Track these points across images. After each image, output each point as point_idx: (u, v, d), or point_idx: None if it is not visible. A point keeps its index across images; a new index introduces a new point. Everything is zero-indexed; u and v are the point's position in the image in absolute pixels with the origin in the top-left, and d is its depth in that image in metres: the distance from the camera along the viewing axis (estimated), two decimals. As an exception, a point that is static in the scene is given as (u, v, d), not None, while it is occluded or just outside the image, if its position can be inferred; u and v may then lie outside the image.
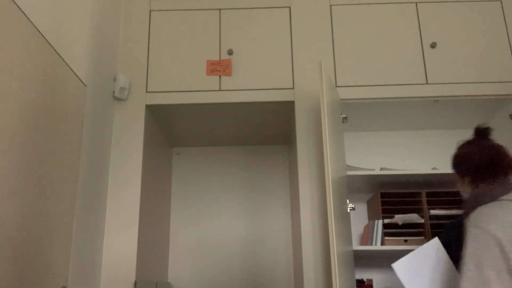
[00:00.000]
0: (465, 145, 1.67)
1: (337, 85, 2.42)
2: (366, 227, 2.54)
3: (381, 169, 2.45)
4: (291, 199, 2.87)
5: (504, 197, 1.45)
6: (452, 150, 2.90)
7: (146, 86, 2.43)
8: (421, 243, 2.24)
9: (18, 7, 1.49)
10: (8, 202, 1.39)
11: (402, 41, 2.49)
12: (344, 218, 2.09)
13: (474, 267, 1.25)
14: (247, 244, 2.92)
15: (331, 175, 1.90)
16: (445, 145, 2.89)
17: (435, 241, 1.70)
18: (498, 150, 1.58)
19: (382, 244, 2.33)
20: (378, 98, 2.41)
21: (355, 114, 2.63)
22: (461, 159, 1.65)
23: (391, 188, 2.56)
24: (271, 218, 2.97)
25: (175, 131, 2.82)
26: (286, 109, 2.52)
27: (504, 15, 2.54)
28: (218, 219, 2.97)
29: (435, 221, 2.33)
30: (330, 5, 2.57)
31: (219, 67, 2.44)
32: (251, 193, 3.02)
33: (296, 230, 2.53)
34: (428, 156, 2.88)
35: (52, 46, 1.71)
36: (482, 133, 1.68)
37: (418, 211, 2.36)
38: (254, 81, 2.44)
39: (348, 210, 2.20)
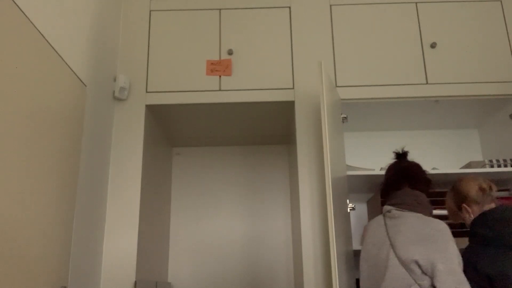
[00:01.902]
0: (387, 168, 2.03)
1: (337, 85, 2.42)
2: (366, 227, 2.53)
3: (381, 169, 2.45)
4: (291, 199, 2.87)
5: (384, 208, 1.88)
6: (452, 150, 2.92)
7: (146, 86, 2.43)
8: (421, 243, 2.23)
9: (18, 7, 1.49)
10: (8, 202, 1.39)
11: (402, 41, 2.49)
12: (344, 218, 2.09)
13: None
14: (247, 244, 2.92)
15: (331, 175, 1.90)
16: (445, 145, 2.90)
17: None
18: (405, 169, 1.94)
19: (382, 244, 2.33)
20: (378, 98, 2.41)
21: (355, 114, 2.63)
22: (383, 180, 2.01)
23: (391, 188, 2.56)
24: (271, 218, 2.97)
25: (175, 131, 2.82)
26: (286, 109, 2.52)
27: (504, 15, 2.54)
28: (218, 219, 2.97)
29: (435, 221, 2.33)
30: (330, 5, 2.57)
31: (219, 67, 2.44)
32: (251, 193, 3.02)
33: (296, 230, 2.53)
34: (428, 156, 2.88)
35: (52, 46, 1.71)
36: (399, 156, 2.04)
37: (418, 211, 2.35)
38: (254, 81, 2.44)
39: (348, 210, 2.20)
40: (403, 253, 1.69)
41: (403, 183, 1.93)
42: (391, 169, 2.01)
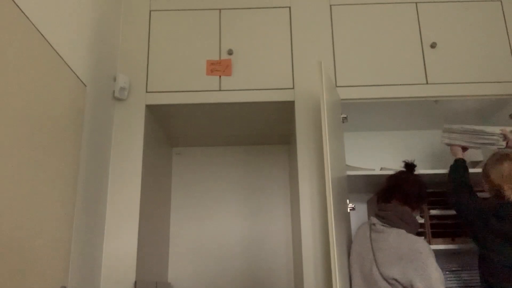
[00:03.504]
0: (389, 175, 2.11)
1: (337, 85, 2.42)
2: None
3: (381, 169, 2.45)
4: (291, 199, 2.87)
5: (370, 219, 1.99)
6: (452, 150, 2.90)
7: (146, 86, 2.43)
8: (421, 243, 2.24)
9: (18, 7, 1.49)
10: (7, 202, 1.39)
11: (402, 41, 2.49)
12: (344, 218, 2.09)
13: None
14: (247, 244, 2.92)
15: (331, 175, 1.90)
16: (445, 145, 2.89)
17: None
18: (400, 183, 2.00)
19: (382, 244, 2.33)
20: (378, 98, 2.41)
21: (355, 114, 2.63)
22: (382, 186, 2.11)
23: (391, 188, 2.55)
24: (271, 218, 2.97)
25: (175, 131, 2.82)
26: (286, 109, 2.52)
27: (504, 15, 2.54)
28: (218, 219, 2.97)
29: (435, 221, 2.33)
30: (330, 5, 2.57)
31: (219, 67, 2.44)
32: (251, 193, 3.02)
33: (296, 230, 2.53)
34: (428, 156, 2.87)
35: (52, 46, 1.71)
36: (406, 166, 2.12)
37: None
38: (254, 81, 2.44)
39: (348, 210, 2.20)
40: (383, 270, 1.79)
41: (393, 196, 2.01)
42: (389, 178, 2.09)
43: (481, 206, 1.95)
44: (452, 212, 2.31)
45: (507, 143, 2.11)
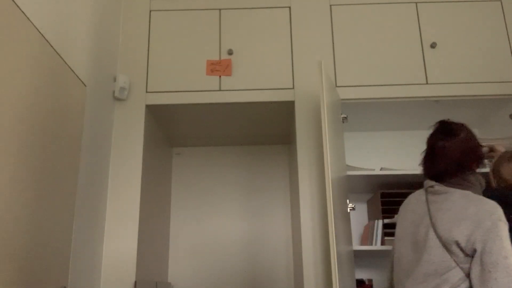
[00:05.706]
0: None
1: (337, 85, 2.42)
2: (366, 227, 2.54)
3: (381, 169, 2.45)
4: (291, 199, 2.87)
5: (425, 183, 1.68)
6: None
7: (146, 86, 2.43)
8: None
9: (18, 7, 1.49)
10: (8, 202, 1.39)
11: (402, 41, 2.49)
12: (344, 218, 2.09)
13: None
14: (247, 244, 2.92)
15: (331, 175, 1.90)
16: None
17: None
18: (443, 154, 1.66)
19: (382, 244, 2.33)
20: (378, 98, 2.41)
21: (355, 114, 2.63)
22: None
23: (391, 188, 2.56)
24: (271, 218, 2.97)
25: (175, 131, 2.82)
26: (286, 109, 2.52)
27: (504, 15, 2.54)
28: (218, 219, 2.97)
29: (435, 221, 2.33)
30: (330, 5, 2.57)
31: (219, 67, 2.44)
32: (251, 193, 3.02)
33: (296, 230, 2.53)
34: (428, 156, 2.87)
35: (52, 46, 1.71)
36: (443, 128, 1.70)
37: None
38: (254, 81, 2.44)
39: (348, 210, 2.20)
40: (443, 233, 1.50)
41: (442, 168, 1.63)
42: (427, 155, 1.69)
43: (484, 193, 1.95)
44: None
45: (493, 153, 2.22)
